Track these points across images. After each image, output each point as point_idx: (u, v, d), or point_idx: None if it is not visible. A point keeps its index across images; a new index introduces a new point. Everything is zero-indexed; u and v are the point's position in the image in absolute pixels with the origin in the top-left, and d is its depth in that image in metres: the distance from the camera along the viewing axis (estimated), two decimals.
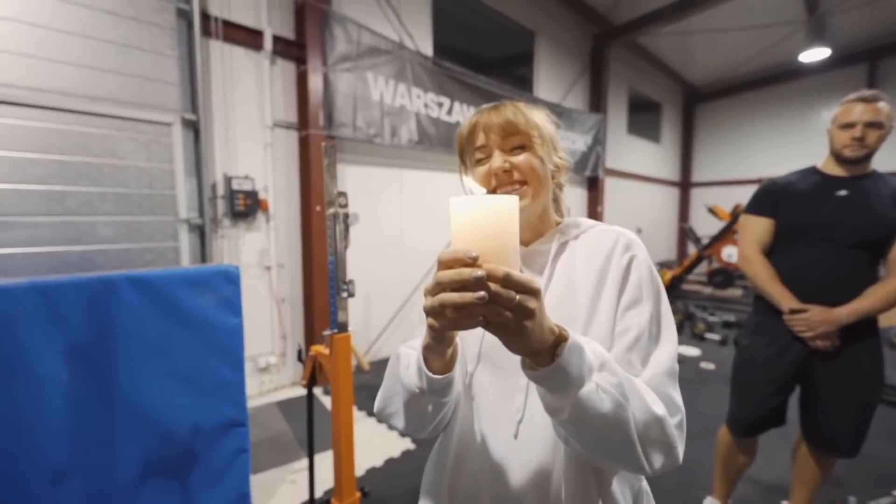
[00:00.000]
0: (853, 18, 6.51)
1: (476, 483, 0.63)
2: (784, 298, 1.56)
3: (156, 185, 2.72)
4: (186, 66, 2.81)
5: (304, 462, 2.32)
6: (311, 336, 3.48)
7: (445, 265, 0.43)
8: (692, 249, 7.88)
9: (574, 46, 6.43)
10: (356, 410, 3.00)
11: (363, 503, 1.69)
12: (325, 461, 2.25)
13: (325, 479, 2.13)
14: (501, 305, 0.41)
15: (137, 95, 2.64)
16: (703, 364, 3.91)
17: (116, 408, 1.46)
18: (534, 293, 0.42)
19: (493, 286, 0.40)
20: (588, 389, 0.47)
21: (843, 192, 1.51)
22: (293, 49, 3.31)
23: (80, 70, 2.43)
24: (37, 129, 2.30)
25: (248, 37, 3.09)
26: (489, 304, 0.40)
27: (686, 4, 5.70)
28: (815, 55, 6.62)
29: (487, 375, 0.64)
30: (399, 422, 0.64)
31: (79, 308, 1.39)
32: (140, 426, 1.50)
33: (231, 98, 3.06)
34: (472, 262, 0.41)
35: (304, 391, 1.71)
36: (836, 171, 1.55)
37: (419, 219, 4.46)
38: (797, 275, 1.57)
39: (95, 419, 1.42)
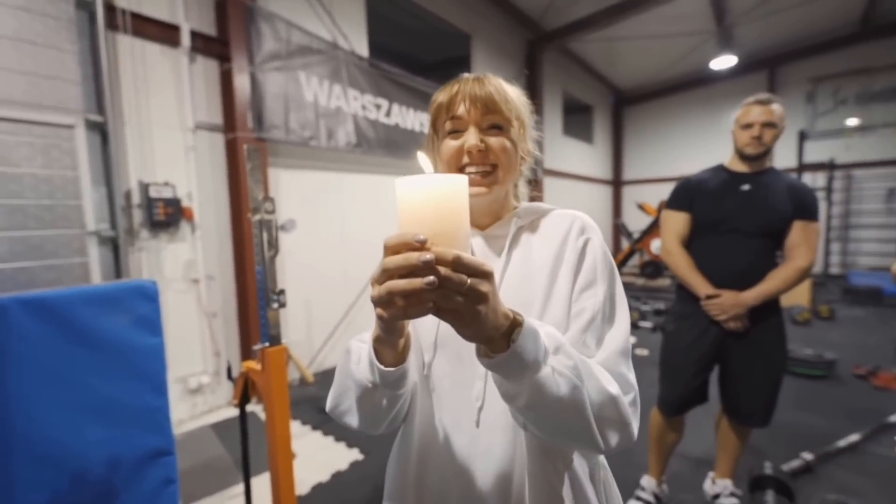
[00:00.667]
0: (755, 30, 7.25)
1: (442, 476, 0.62)
2: (700, 285, 1.68)
3: (57, 195, 2.44)
4: (90, 63, 2.55)
5: (242, 486, 2.18)
6: (248, 351, 3.28)
7: (392, 250, 0.41)
8: (626, 244, 8.37)
9: (510, 50, 6.61)
10: (299, 425, 2.87)
11: None
12: (266, 482, 2.13)
13: (266, 502, 2.01)
14: (452, 290, 0.39)
15: (32, 95, 2.35)
16: (638, 350, 4.15)
17: (13, 449, 1.30)
18: (486, 276, 0.40)
19: (443, 270, 0.38)
20: (544, 373, 0.47)
21: (747, 187, 1.66)
22: (215, 46, 3.11)
23: None
24: None
25: (163, 32, 2.86)
26: (439, 289, 0.38)
27: (609, 13, 6.04)
28: (724, 63, 7.28)
29: (445, 365, 0.63)
30: (353, 419, 0.61)
31: None
32: (44, 467, 1.34)
33: (145, 98, 2.81)
34: (421, 246, 0.39)
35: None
36: (740, 168, 1.70)
37: (361, 223, 4.37)
38: (711, 263, 1.71)
39: None
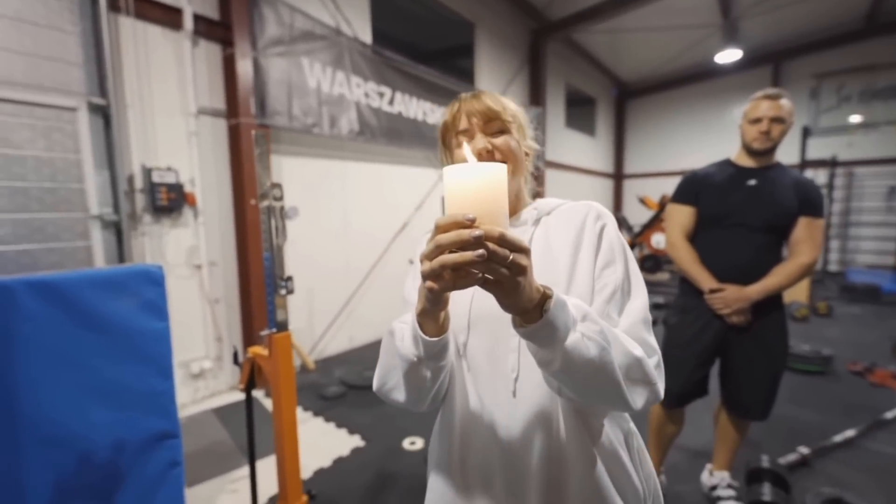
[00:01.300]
0: (761, 24, 7.18)
1: (484, 445, 0.66)
2: (704, 279, 1.69)
3: (59, 178, 2.43)
4: (92, 45, 2.52)
5: (245, 470, 2.20)
6: (250, 337, 3.30)
7: (443, 229, 0.45)
8: (626, 237, 8.37)
9: (513, 40, 6.54)
10: (301, 411, 2.89)
11: None
12: (269, 467, 2.15)
13: (269, 486, 2.03)
14: (498, 263, 0.43)
15: (33, 77, 2.33)
16: None
17: (20, 430, 1.30)
18: (525, 251, 0.46)
19: (490, 245, 0.43)
20: (574, 339, 0.51)
21: (753, 182, 1.66)
22: (218, 30, 3.07)
23: None
24: None
25: (165, 14, 2.82)
26: (486, 262, 0.43)
27: (615, 4, 5.98)
28: (729, 56, 7.23)
29: (479, 343, 0.68)
30: (399, 395, 0.66)
31: None
32: (51, 448, 1.35)
33: (147, 82, 2.78)
34: (470, 224, 0.44)
35: (243, 395, 1.61)
36: (747, 163, 1.70)
37: (363, 211, 4.36)
38: (715, 257, 1.71)
39: None
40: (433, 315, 0.56)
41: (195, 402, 3.07)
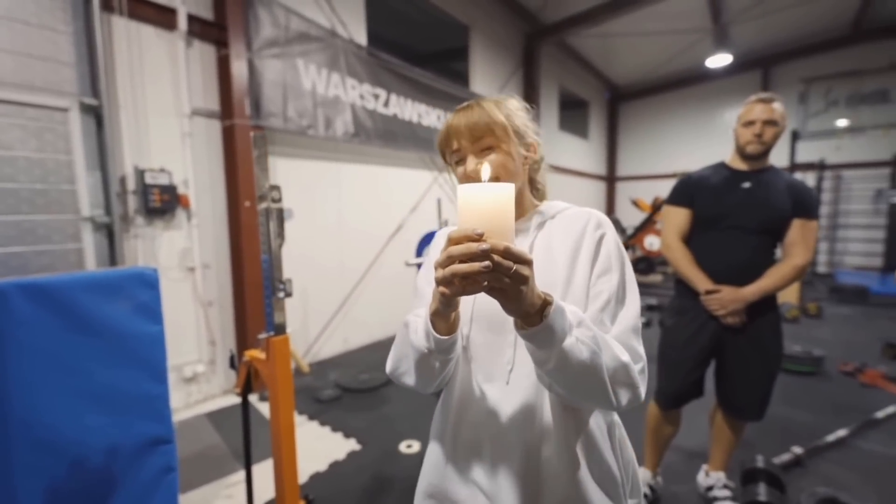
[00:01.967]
0: (750, 29, 7.29)
1: (476, 423, 0.73)
2: (700, 281, 1.71)
3: (51, 180, 2.39)
4: (84, 45, 2.49)
5: (240, 475, 2.18)
6: (244, 340, 3.27)
7: (455, 241, 0.51)
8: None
9: (508, 43, 6.57)
10: (296, 415, 2.86)
11: None
12: (264, 471, 2.13)
13: (264, 491, 2.01)
14: (502, 273, 0.49)
15: (24, 76, 2.29)
16: None
17: (12, 435, 1.28)
18: (528, 263, 0.51)
19: (496, 257, 0.48)
20: (570, 342, 0.57)
21: (748, 185, 1.68)
22: (212, 31, 3.05)
23: None
24: None
25: (159, 14, 2.79)
26: (492, 272, 0.49)
27: (608, 8, 6.03)
28: (719, 61, 7.32)
29: (480, 335, 0.74)
30: (410, 380, 0.73)
31: None
32: (43, 453, 1.33)
33: (140, 82, 2.75)
34: (479, 238, 0.49)
35: (237, 399, 1.59)
36: (741, 166, 1.72)
37: (358, 213, 4.34)
38: (711, 258, 1.73)
39: None
40: (445, 316, 0.62)
41: (188, 407, 3.03)
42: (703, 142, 9.33)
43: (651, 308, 5.79)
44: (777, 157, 1.54)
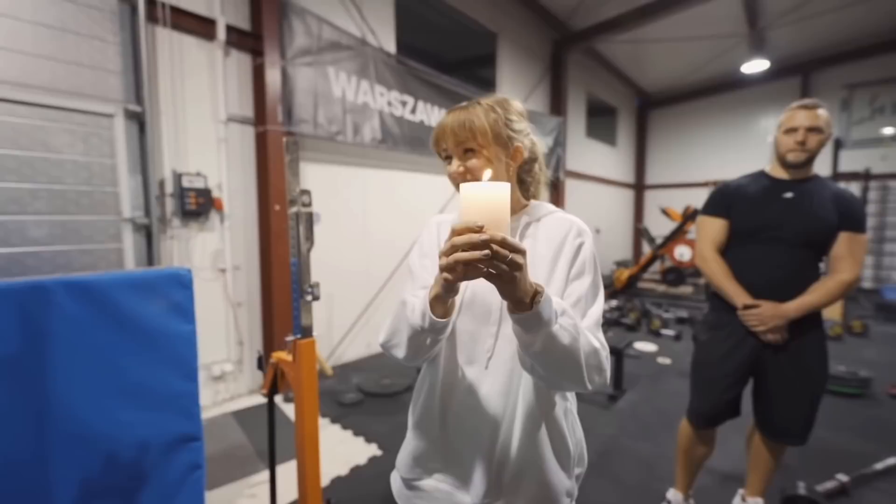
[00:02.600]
0: (789, 34, 7.03)
1: (461, 402, 0.83)
2: (738, 295, 1.63)
3: (95, 182, 2.51)
4: (130, 54, 2.61)
5: (264, 475, 2.21)
6: (271, 342, 3.33)
7: (458, 232, 0.57)
8: (647, 249, 8.23)
9: (536, 50, 6.55)
10: (320, 418, 2.89)
11: None
12: (286, 473, 2.15)
13: (287, 492, 2.03)
14: (499, 260, 0.55)
15: (74, 84, 2.42)
16: (660, 359, 4.08)
17: (51, 427, 1.33)
18: (521, 252, 0.57)
19: (494, 246, 0.55)
20: (555, 328, 0.64)
21: (789, 195, 1.60)
22: (249, 40, 3.16)
23: (7, 54, 2.20)
24: None
25: (200, 25, 2.91)
26: (490, 260, 0.55)
27: (639, 14, 5.93)
28: (756, 67, 7.08)
29: (467, 322, 0.82)
30: (400, 352, 0.80)
31: (6, 316, 1.24)
32: (79, 446, 1.37)
33: (181, 90, 2.87)
34: (479, 230, 0.55)
35: (263, 400, 1.62)
36: (783, 175, 1.64)
37: (384, 218, 4.38)
38: (749, 272, 1.65)
39: (27, 440, 1.28)
40: (445, 301, 0.70)
41: (215, 405, 3.11)
42: (737, 150, 9.02)
43: (682, 321, 5.60)
44: (819, 167, 1.45)
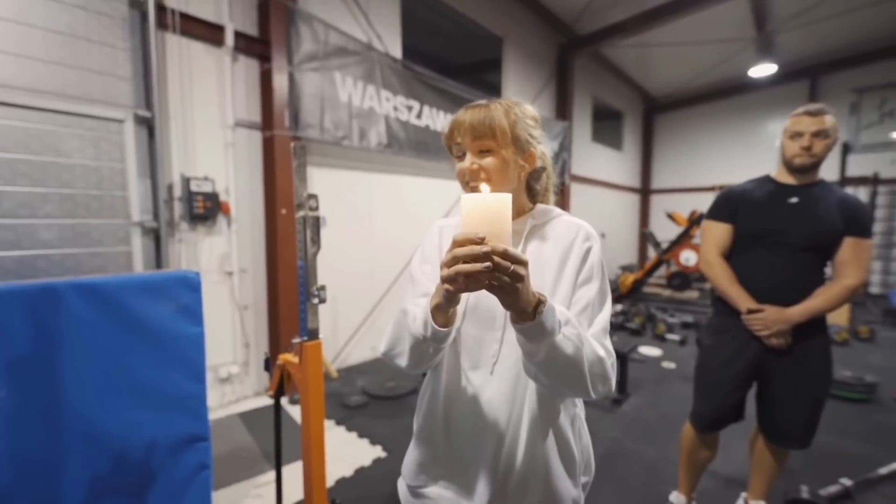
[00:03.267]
0: (796, 37, 7.00)
1: (464, 410, 0.82)
2: (742, 299, 1.63)
3: (105, 186, 2.55)
4: (140, 60, 2.66)
5: (270, 475, 2.22)
6: (277, 344, 3.35)
7: (459, 244, 0.56)
8: (653, 253, 8.19)
9: (541, 54, 6.57)
10: (325, 420, 2.90)
11: None
12: (292, 474, 2.17)
13: (292, 493, 2.05)
14: (501, 272, 0.55)
15: (85, 89, 2.47)
16: (665, 363, 4.06)
17: (62, 426, 1.35)
18: (523, 264, 0.57)
19: (496, 258, 0.54)
20: (558, 338, 0.64)
21: (795, 200, 1.60)
22: (256, 46, 3.20)
23: (19, 60, 2.25)
24: None
25: (208, 31, 2.96)
26: (492, 272, 0.55)
27: (646, 18, 5.94)
28: (763, 71, 7.06)
29: (470, 329, 0.81)
30: (402, 361, 0.79)
31: (18, 318, 1.27)
32: (89, 445, 1.40)
33: (189, 95, 2.91)
34: (481, 241, 0.55)
35: (269, 401, 1.64)
36: (788, 180, 1.64)
37: (389, 222, 4.41)
38: (754, 276, 1.65)
39: (39, 439, 1.31)
40: (446, 310, 0.69)
41: (222, 406, 3.13)
42: (744, 155, 8.97)
43: (687, 326, 5.57)
44: (827, 171, 1.45)
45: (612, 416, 3.00)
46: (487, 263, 0.54)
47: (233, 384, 3.22)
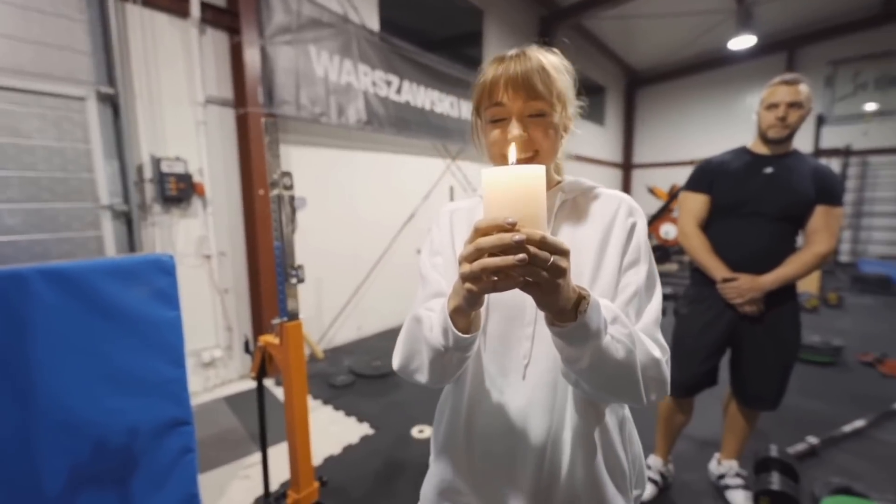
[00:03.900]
0: (776, 9, 7.00)
1: (489, 422, 0.69)
2: (717, 269, 1.67)
3: (70, 168, 2.44)
4: (99, 33, 2.51)
5: (257, 456, 2.23)
6: (260, 326, 3.32)
7: (483, 232, 0.45)
8: None
9: (522, 28, 6.44)
10: (311, 399, 2.92)
11: (322, 493, 1.66)
12: (279, 454, 2.18)
13: (280, 472, 2.07)
14: (539, 266, 0.43)
15: (41, 66, 2.33)
16: None
17: (36, 416, 1.32)
18: (565, 254, 0.45)
19: (532, 248, 0.43)
20: (606, 340, 0.53)
21: (770, 170, 1.63)
22: (225, 18, 3.05)
23: None
24: None
25: (172, 2, 2.79)
26: (528, 266, 0.43)
27: None
28: (743, 43, 7.06)
29: (496, 327, 0.69)
30: (422, 377, 0.67)
31: None
32: (66, 434, 1.37)
33: (155, 71, 2.77)
34: (511, 228, 0.43)
35: (253, 384, 1.63)
36: (763, 151, 1.66)
37: (371, 201, 4.35)
38: (729, 246, 1.68)
39: (11, 429, 1.28)
40: (467, 314, 0.56)
41: (206, 391, 3.11)
42: (724, 128, 9.07)
43: (666, 297, 5.70)
44: (801, 143, 1.48)
45: None
46: (522, 256, 0.42)
47: (216, 368, 3.20)
